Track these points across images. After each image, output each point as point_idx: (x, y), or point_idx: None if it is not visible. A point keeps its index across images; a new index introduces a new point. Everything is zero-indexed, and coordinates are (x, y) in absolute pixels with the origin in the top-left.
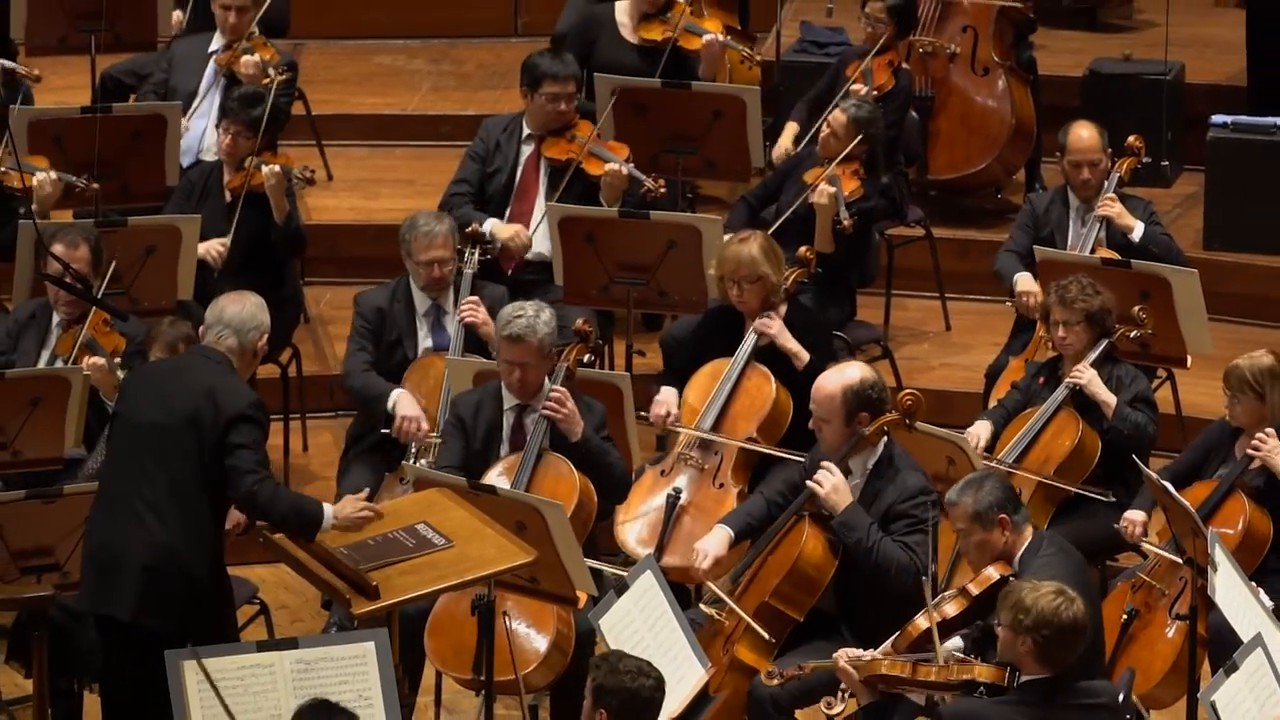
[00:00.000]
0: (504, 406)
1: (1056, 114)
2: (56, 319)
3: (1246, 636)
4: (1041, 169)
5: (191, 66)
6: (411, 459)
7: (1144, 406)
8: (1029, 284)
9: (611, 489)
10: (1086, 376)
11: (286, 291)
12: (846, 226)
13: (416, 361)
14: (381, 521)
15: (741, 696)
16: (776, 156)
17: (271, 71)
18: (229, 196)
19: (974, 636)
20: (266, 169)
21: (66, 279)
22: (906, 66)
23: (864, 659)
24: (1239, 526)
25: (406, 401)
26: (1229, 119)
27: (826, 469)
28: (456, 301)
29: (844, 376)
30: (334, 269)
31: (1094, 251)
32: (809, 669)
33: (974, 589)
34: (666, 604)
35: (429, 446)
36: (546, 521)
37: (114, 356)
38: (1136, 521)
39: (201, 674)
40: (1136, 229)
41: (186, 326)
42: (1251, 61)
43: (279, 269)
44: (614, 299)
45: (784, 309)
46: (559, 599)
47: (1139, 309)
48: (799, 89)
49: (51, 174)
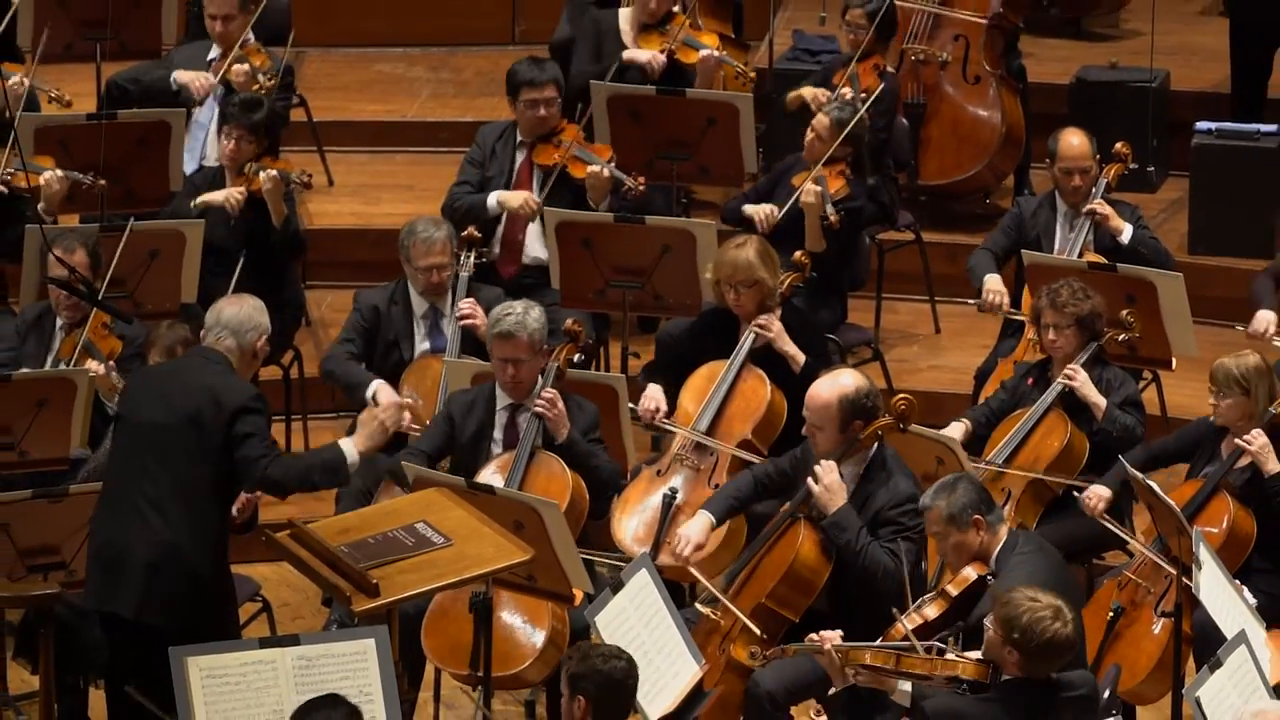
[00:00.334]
0: (497, 406)
1: (1045, 121)
2: (59, 322)
3: (1230, 633)
4: (1030, 175)
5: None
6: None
7: (1133, 409)
8: (996, 284)
9: (599, 491)
10: (1080, 379)
11: (288, 294)
12: (834, 223)
13: (414, 363)
14: (381, 521)
15: (736, 694)
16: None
17: (261, 78)
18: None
19: (952, 636)
20: (264, 174)
21: (70, 281)
22: (891, 70)
23: (843, 644)
24: (1223, 525)
25: (386, 392)
26: (1213, 125)
27: (825, 467)
28: (453, 304)
29: (839, 385)
30: (335, 273)
31: (1081, 255)
32: (792, 650)
33: (953, 590)
34: (661, 601)
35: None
36: (543, 521)
37: (110, 360)
38: (1101, 496)
39: (204, 670)
40: (1125, 231)
41: (184, 330)
42: (1235, 69)
43: (280, 272)
44: (610, 302)
45: (779, 312)
46: (555, 596)
47: (1126, 312)
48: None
49: (58, 172)
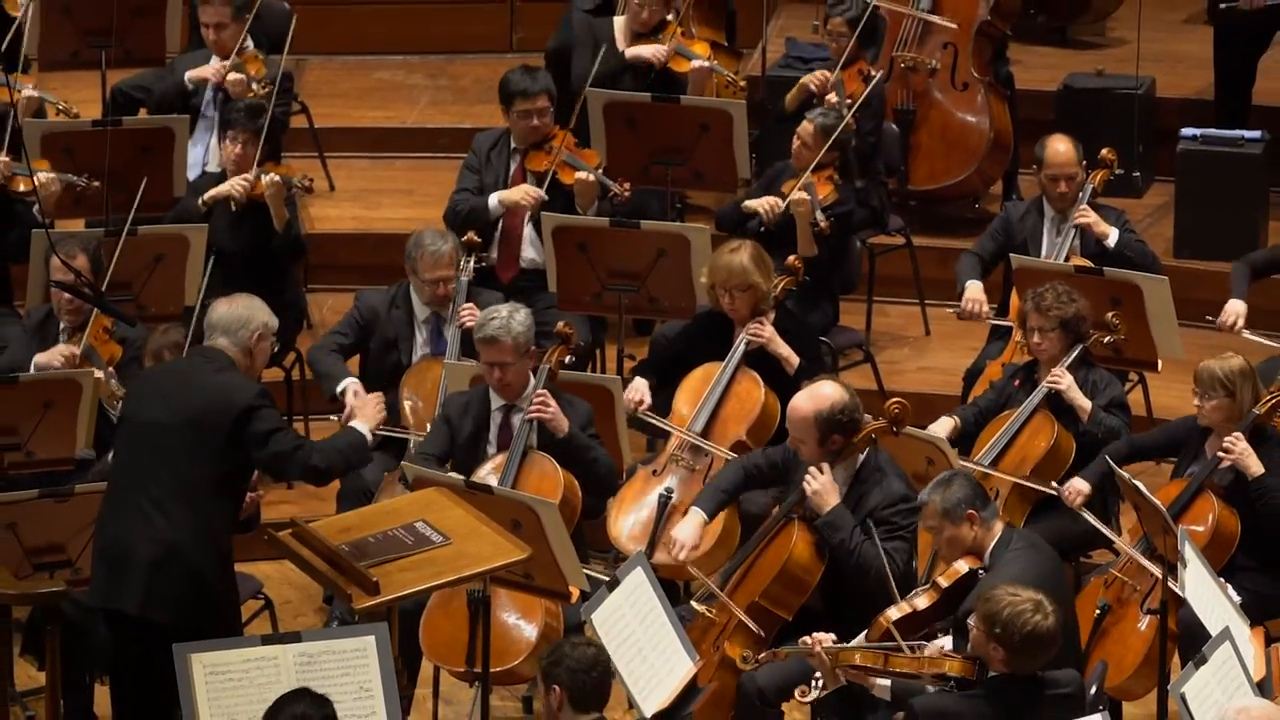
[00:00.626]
0: (491, 407)
1: (1033, 127)
2: (62, 326)
3: (1215, 630)
4: (1018, 180)
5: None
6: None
7: (1118, 411)
8: (977, 292)
9: (597, 485)
10: (1065, 382)
11: (289, 297)
12: (824, 229)
13: (415, 365)
14: (381, 520)
15: (729, 690)
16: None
17: (255, 86)
18: (234, 206)
19: (946, 629)
20: (266, 178)
21: (76, 284)
22: (876, 75)
23: (832, 645)
24: (1208, 524)
25: (355, 389)
26: (1198, 132)
27: (816, 470)
28: (454, 309)
29: (815, 401)
30: (335, 276)
31: (1068, 260)
32: (783, 654)
33: (944, 582)
34: (656, 599)
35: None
36: (540, 520)
37: (110, 365)
38: (1079, 490)
39: (208, 667)
40: (1112, 235)
41: (177, 334)
42: (1219, 76)
43: (281, 276)
44: (606, 305)
45: (772, 315)
46: (552, 594)
47: (1112, 315)
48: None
49: (52, 174)
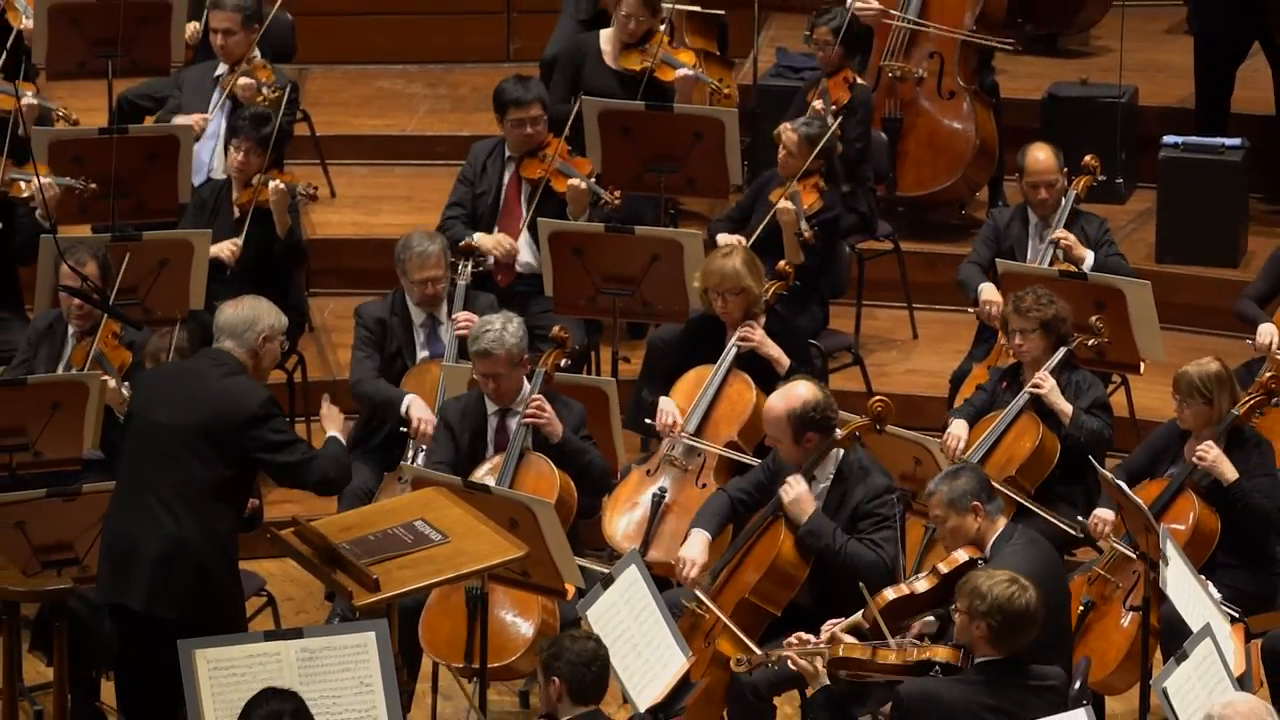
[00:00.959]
0: (488, 411)
1: (1018, 135)
2: (71, 330)
3: (1196, 627)
4: (1004, 186)
5: (200, 91)
6: (409, 459)
7: (1100, 412)
8: (993, 294)
9: (591, 485)
10: (1047, 386)
11: (291, 301)
12: (808, 238)
13: (414, 368)
14: (381, 519)
15: (721, 685)
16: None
17: (265, 90)
18: (237, 212)
19: (942, 616)
20: (271, 185)
21: (82, 289)
22: (862, 82)
23: (819, 644)
24: (1189, 523)
25: (419, 404)
26: (1179, 139)
27: (792, 481)
28: (450, 311)
29: (788, 400)
30: (336, 280)
31: (1052, 265)
32: (775, 658)
33: (944, 568)
34: (650, 596)
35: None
36: (537, 519)
37: (121, 372)
38: (1105, 520)
39: (212, 662)
40: (1088, 258)
41: (179, 338)
42: (1199, 85)
43: (283, 280)
44: (601, 309)
45: (763, 319)
46: (548, 591)
47: (1095, 318)
48: (775, 112)
49: (50, 178)
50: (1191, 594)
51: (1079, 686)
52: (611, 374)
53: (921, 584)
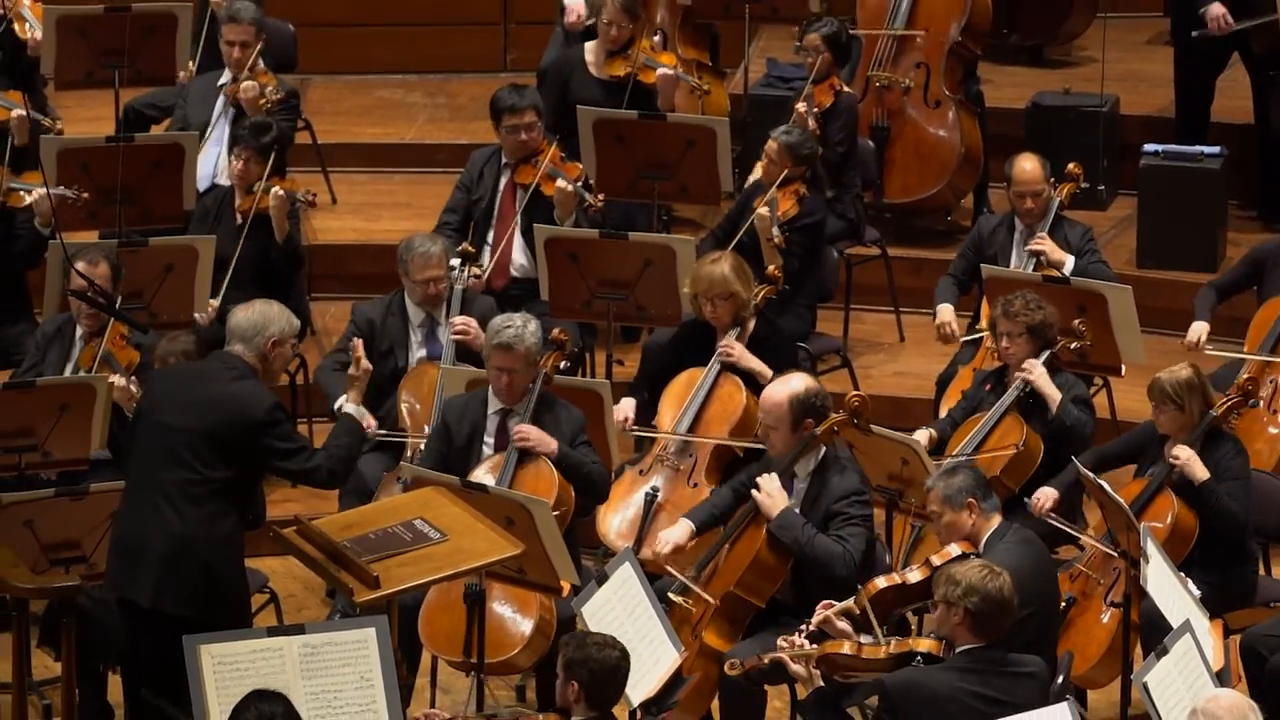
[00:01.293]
0: (489, 411)
1: (1002, 143)
2: (79, 332)
3: (1176, 622)
4: (989, 193)
5: (204, 100)
6: (409, 459)
7: (1083, 407)
8: (947, 315)
9: (592, 493)
10: (1036, 372)
11: (292, 305)
12: (779, 243)
13: (412, 369)
14: (381, 518)
15: (710, 676)
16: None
17: (268, 92)
18: (240, 218)
19: (927, 609)
20: (273, 192)
21: (89, 294)
22: (849, 90)
23: (808, 648)
24: (1168, 521)
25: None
26: (1160, 148)
27: (764, 479)
28: (448, 314)
29: (789, 387)
30: (337, 285)
31: (1036, 271)
32: (766, 660)
33: (936, 561)
34: (644, 593)
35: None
36: (533, 517)
37: (129, 371)
38: (1048, 496)
39: (216, 658)
40: (1068, 263)
41: (185, 342)
42: (1179, 95)
43: (285, 285)
44: (595, 313)
45: (753, 323)
46: (544, 588)
47: (1078, 322)
48: (765, 120)
49: (43, 189)
50: (1171, 591)
51: (1062, 681)
52: (606, 376)
53: (914, 575)
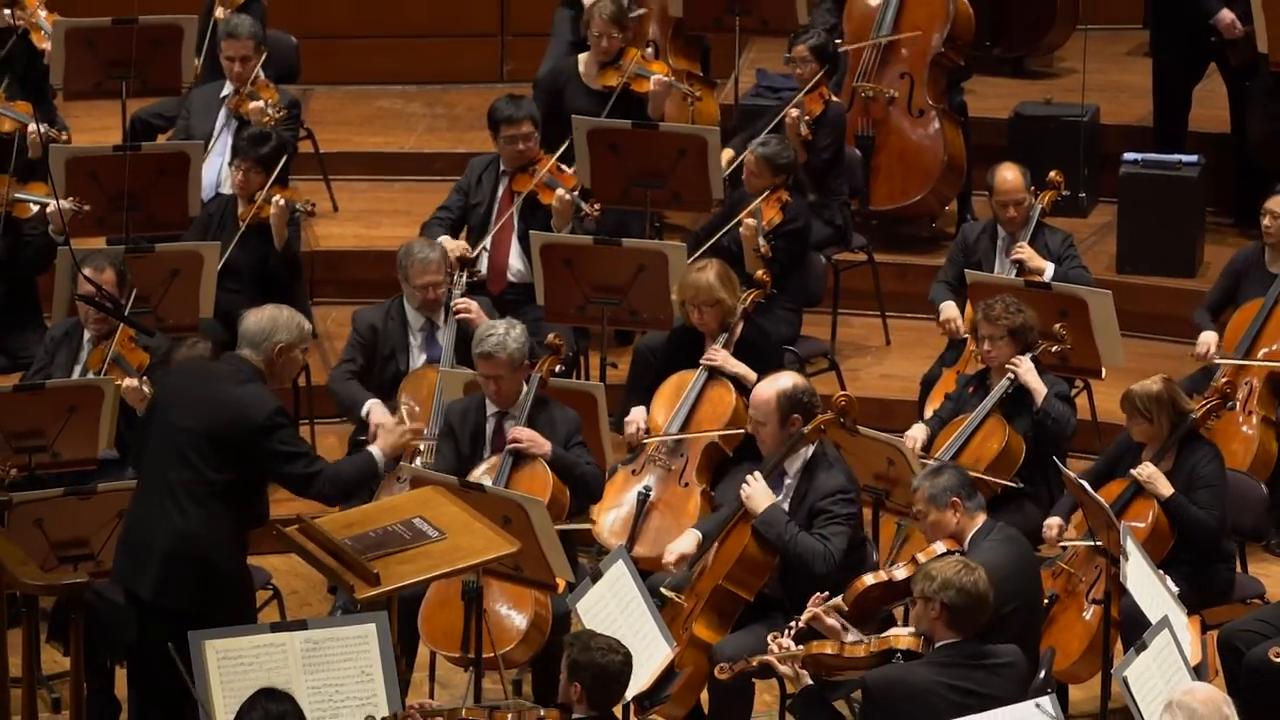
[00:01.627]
0: (487, 414)
1: (985, 152)
2: (87, 335)
3: (1154, 619)
4: (972, 201)
5: (207, 111)
6: (408, 459)
7: (1065, 403)
8: (951, 312)
9: (586, 493)
10: (1024, 367)
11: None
12: (765, 252)
13: (412, 372)
14: (381, 516)
15: (701, 671)
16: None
17: (270, 110)
18: (243, 226)
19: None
20: (273, 201)
21: (98, 298)
22: (837, 99)
23: (795, 649)
24: (1148, 521)
25: (379, 410)
26: (1139, 156)
27: (749, 478)
28: (446, 318)
29: (777, 384)
30: (339, 290)
31: (1018, 276)
32: (755, 662)
33: (922, 559)
34: (636, 590)
35: (427, 448)
36: (529, 516)
37: (140, 371)
38: (1054, 525)
39: (220, 652)
40: (1048, 270)
41: (203, 348)
42: (1158, 105)
43: (287, 290)
44: (590, 317)
45: (740, 328)
46: (540, 585)
47: (1059, 326)
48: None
49: (49, 200)
50: (1150, 588)
51: (1044, 675)
52: (600, 379)
53: (900, 572)
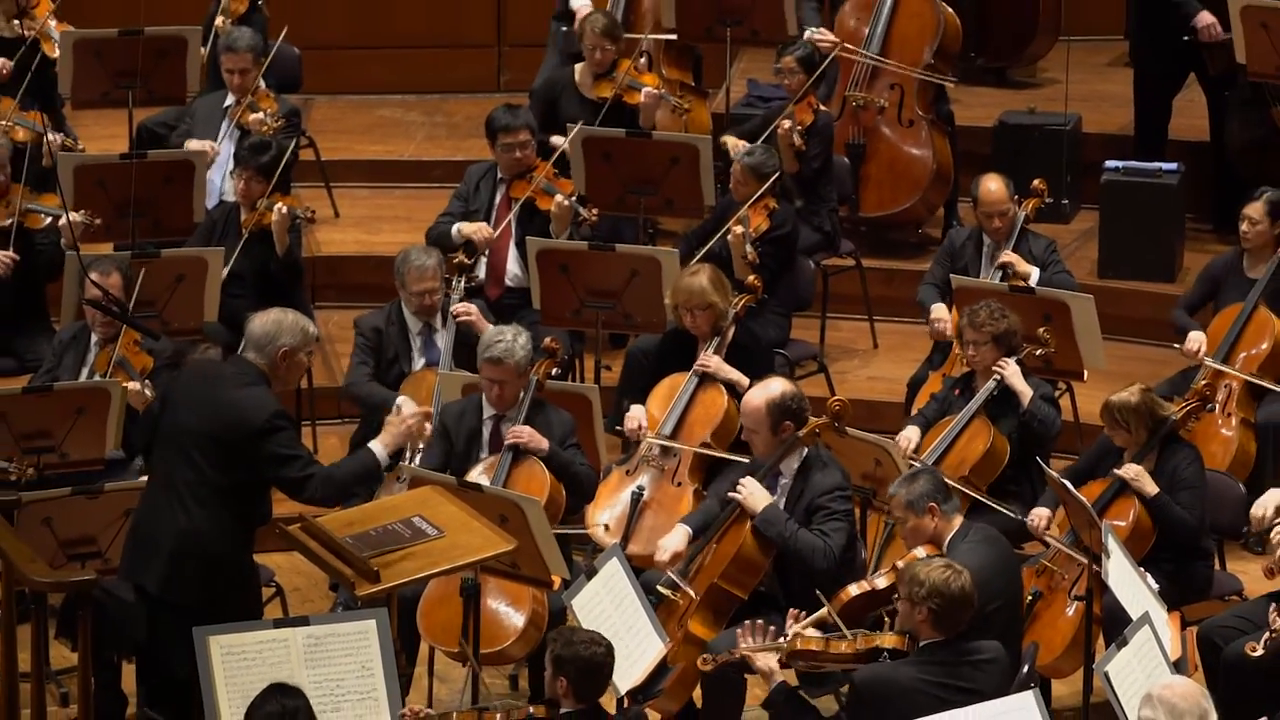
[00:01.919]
0: (484, 415)
1: (971, 159)
2: (94, 338)
3: (1135, 615)
4: (958, 208)
5: (210, 120)
6: (407, 460)
7: (1050, 405)
8: (941, 312)
9: (580, 492)
10: (1010, 369)
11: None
12: (752, 259)
13: (411, 375)
14: (381, 515)
15: (693, 666)
16: None
17: (269, 120)
18: (244, 233)
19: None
20: (274, 209)
21: (105, 302)
22: (825, 109)
23: (780, 643)
24: (1129, 519)
25: (409, 404)
26: (1120, 164)
27: (745, 481)
28: (444, 322)
29: (767, 392)
30: (340, 294)
31: (1003, 281)
32: (738, 654)
33: (902, 565)
34: (630, 587)
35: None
36: (526, 515)
37: (144, 375)
38: (1043, 516)
39: (224, 648)
40: (1033, 275)
41: (215, 355)
42: (1139, 114)
43: (289, 295)
44: (585, 321)
45: (732, 331)
46: (536, 582)
47: (1042, 330)
48: (746, 139)
49: (60, 211)
50: (1131, 585)
51: (1027, 670)
52: (595, 381)
53: (881, 580)
